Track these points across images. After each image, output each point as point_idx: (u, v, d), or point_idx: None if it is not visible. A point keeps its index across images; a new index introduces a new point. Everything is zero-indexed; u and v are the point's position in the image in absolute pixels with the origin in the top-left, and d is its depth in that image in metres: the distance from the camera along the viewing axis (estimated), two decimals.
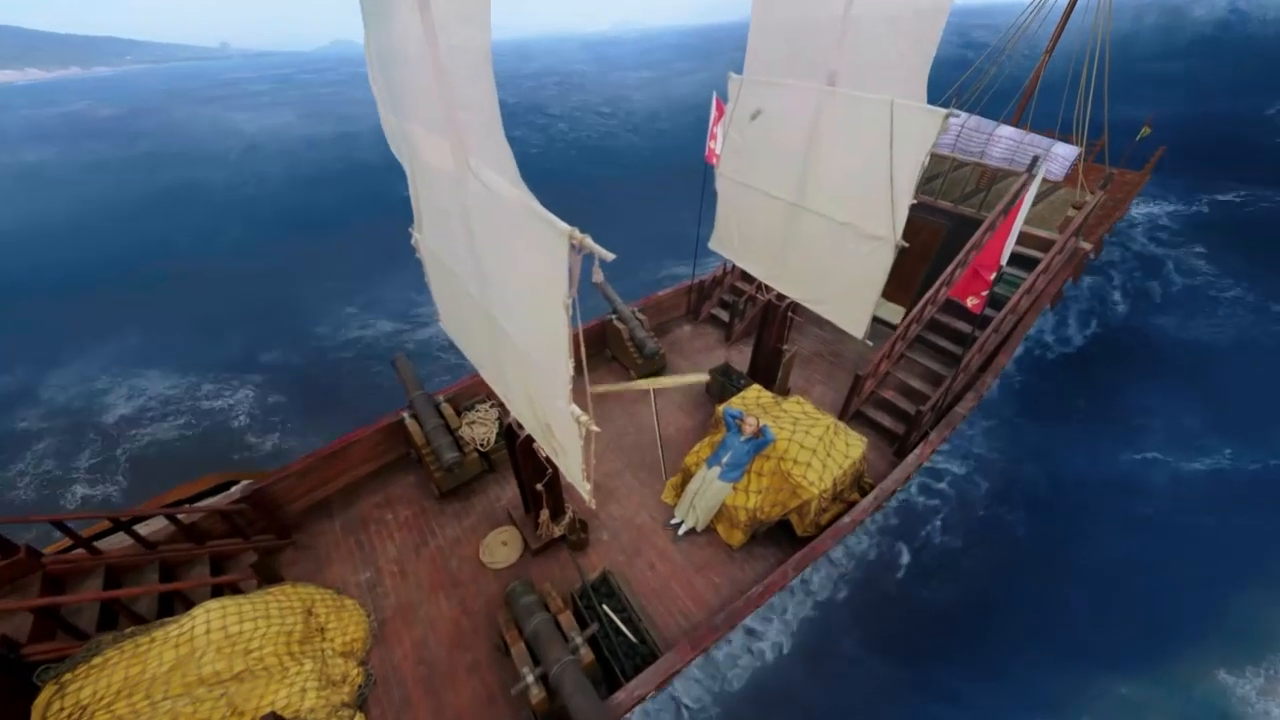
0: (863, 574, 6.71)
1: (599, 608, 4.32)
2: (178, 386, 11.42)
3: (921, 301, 6.80)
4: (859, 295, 4.98)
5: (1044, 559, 7.02)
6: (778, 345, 6.57)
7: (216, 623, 3.70)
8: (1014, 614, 6.48)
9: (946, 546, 7.12)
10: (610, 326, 7.27)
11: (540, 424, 3.56)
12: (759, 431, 5.02)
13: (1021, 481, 8.00)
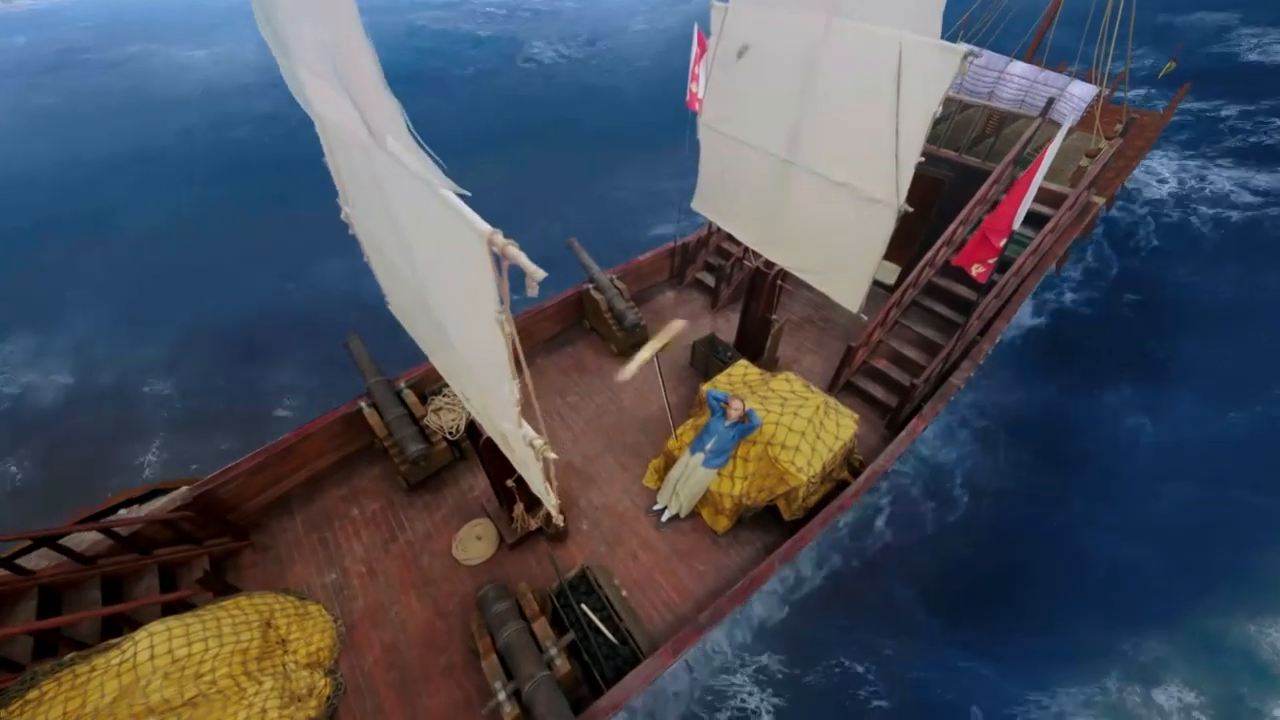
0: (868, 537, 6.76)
1: (577, 608, 4.13)
2: (81, 381, 9.84)
3: (920, 265, 6.34)
4: (855, 266, 4.52)
5: (1060, 517, 7.11)
6: (766, 315, 6.15)
7: (161, 647, 3.43)
8: (1034, 570, 6.64)
9: (963, 501, 7.17)
10: (588, 296, 6.76)
11: (497, 432, 3.18)
12: (745, 416, 4.69)
13: (1030, 441, 7.97)
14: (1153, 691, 5.60)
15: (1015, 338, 9.83)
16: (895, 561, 6.76)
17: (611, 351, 6.81)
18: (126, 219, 14.50)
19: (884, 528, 7.07)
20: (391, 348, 5.35)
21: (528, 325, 6.62)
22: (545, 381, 6.51)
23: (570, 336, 7.11)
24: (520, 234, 1.56)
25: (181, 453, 8.59)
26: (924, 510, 7.30)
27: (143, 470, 8.38)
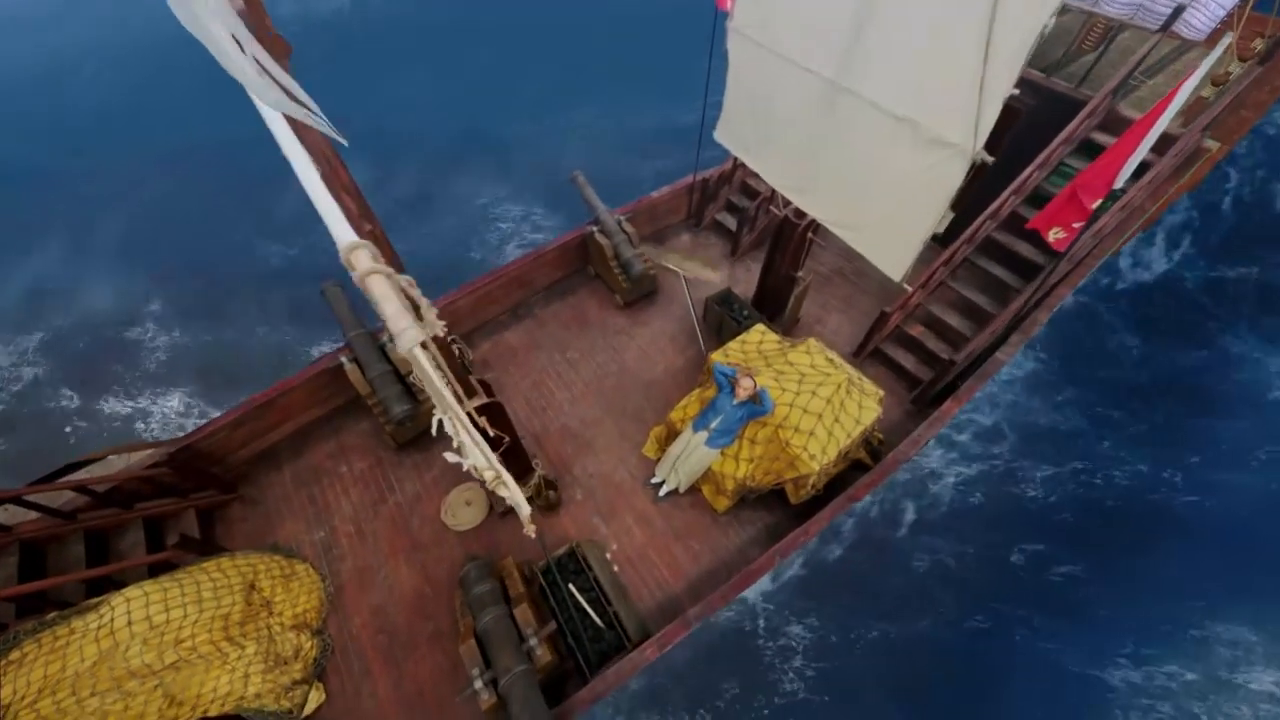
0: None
1: (564, 587, 3.97)
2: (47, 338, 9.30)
3: (981, 217, 5.41)
4: (906, 226, 3.75)
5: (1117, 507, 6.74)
6: (791, 272, 5.42)
7: (138, 613, 3.38)
8: (1098, 556, 6.46)
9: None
10: (592, 241, 6.05)
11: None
12: (756, 395, 4.20)
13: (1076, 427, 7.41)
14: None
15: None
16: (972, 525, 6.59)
17: (616, 303, 6.22)
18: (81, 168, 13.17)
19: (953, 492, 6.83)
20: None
21: (526, 271, 6.02)
22: (544, 334, 6.04)
23: (572, 284, 6.50)
24: (522, 163, 1.05)
25: (145, 411, 8.42)
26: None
27: (111, 425, 8.26)
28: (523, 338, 5.99)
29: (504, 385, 5.60)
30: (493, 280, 5.78)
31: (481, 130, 12.82)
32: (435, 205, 11.18)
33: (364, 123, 12.37)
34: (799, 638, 6.17)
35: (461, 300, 5.69)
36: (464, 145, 12.46)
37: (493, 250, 10.23)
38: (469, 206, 11.14)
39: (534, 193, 11.22)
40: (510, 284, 5.96)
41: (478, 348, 5.90)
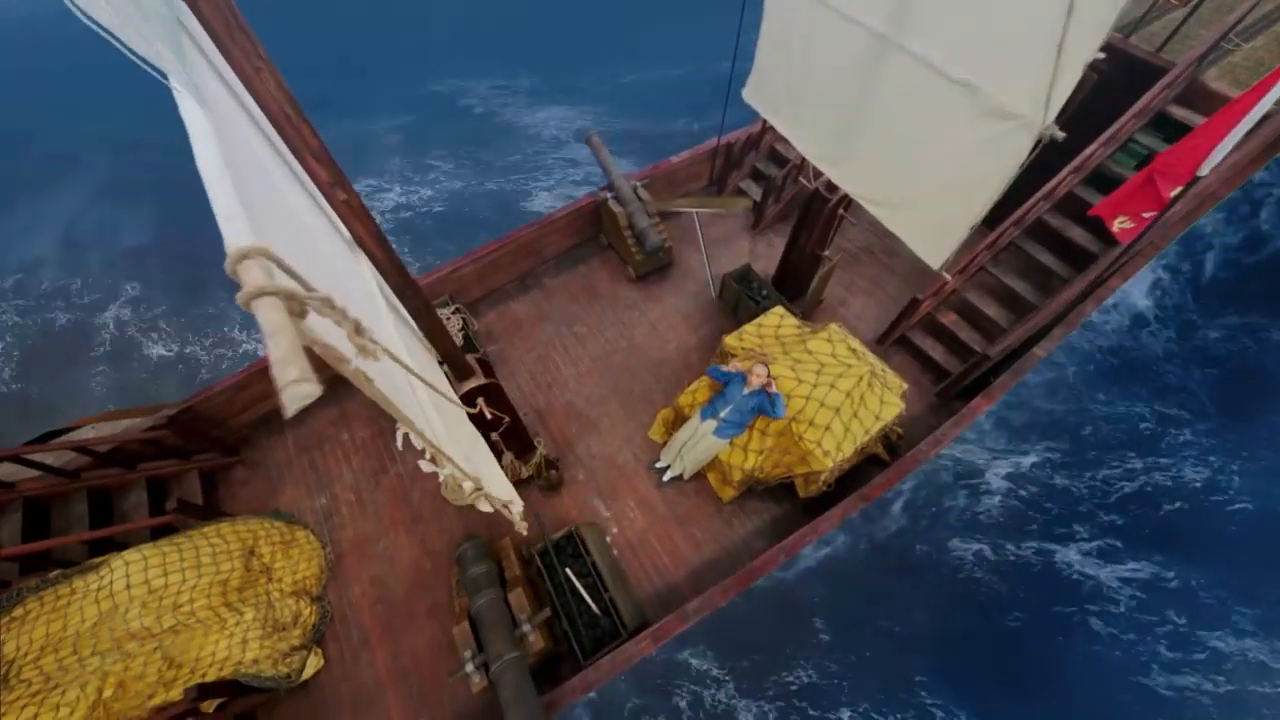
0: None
1: (561, 571, 3.90)
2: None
3: (1035, 198, 4.91)
4: (952, 208, 3.36)
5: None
6: (817, 251, 5.04)
7: (137, 577, 3.39)
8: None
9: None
10: (606, 209, 5.70)
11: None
12: (769, 384, 3.95)
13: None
14: None
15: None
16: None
17: (629, 275, 5.92)
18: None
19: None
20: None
21: (535, 238, 5.72)
22: (552, 305, 5.80)
23: (583, 253, 6.19)
24: (536, 118, 0.82)
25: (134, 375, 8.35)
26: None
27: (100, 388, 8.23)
28: (529, 309, 5.76)
29: (508, 358, 5.42)
30: (500, 247, 5.50)
31: (488, 86, 12.18)
32: (436, 163, 10.76)
33: (381, 80, 11.87)
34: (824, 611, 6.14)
35: (467, 268, 5.45)
36: (469, 103, 11.90)
37: (499, 213, 9.87)
38: (481, 167, 10.71)
39: (546, 153, 10.72)
40: (518, 252, 5.69)
41: (483, 317, 5.70)
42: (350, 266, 2.13)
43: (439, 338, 2.92)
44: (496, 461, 2.73)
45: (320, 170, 1.90)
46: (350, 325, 0.89)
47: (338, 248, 2.07)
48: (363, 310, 1.90)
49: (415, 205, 10.05)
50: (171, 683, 3.25)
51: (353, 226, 2.15)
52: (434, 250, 9.30)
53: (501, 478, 2.52)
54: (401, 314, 2.72)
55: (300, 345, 0.72)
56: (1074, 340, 7.66)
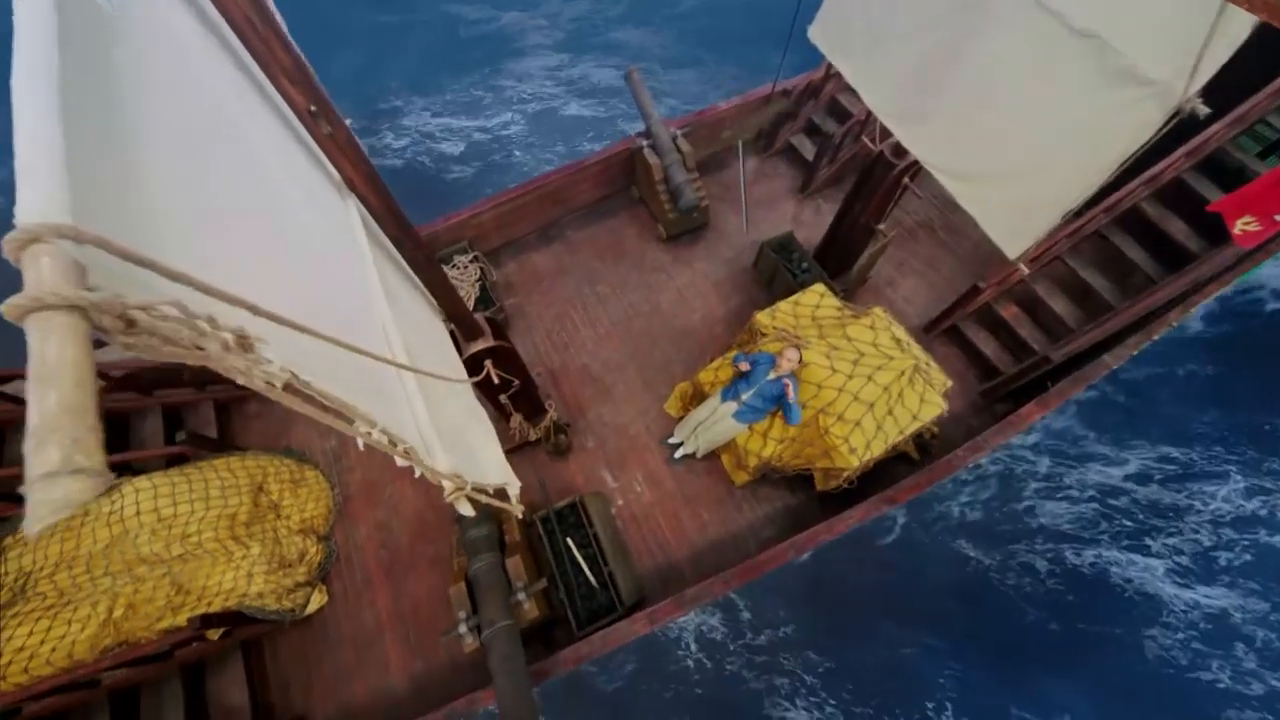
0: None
1: (561, 540, 3.82)
2: None
3: (1135, 182, 4.22)
4: (1048, 189, 2.86)
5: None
6: (871, 223, 4.51)
7: (146, 504, 3.44)
8: None
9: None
10: (640, 158, 5.21)
11: None
12: (799, 369, 3.62)
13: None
14: None
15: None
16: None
17: (659, 235, 5.50)
18: None
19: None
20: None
21: (562, 186, 5.31)
22: (575, 260, 5.47)
23: (612, 206, 5.75)
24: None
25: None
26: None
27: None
28: (551, 262, 5.45)
29: (526, 312, 5.18)
30: (524, 193, 5.13)
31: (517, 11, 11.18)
32: (461, 90, 10.01)
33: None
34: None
35: (488, 213, 5.12)
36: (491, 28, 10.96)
37: (518, 156, 9.27)
38: (502, 97, 9.96)
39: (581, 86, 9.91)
40: (543, 200, 5.30)
41: (503, 267, 5.42)
42: (336, 216, 1.86)
43: (444, 295, 2.68)
44: (496, 437, 2.53)
45: (296, 94, 1.59)
46: (220, 341, 0.63)
47: (320, 193, 1.79)
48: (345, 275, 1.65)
49: (439, 139, 9.52)
50: (179, 608, 3.35)
51: (340, 165, 1.86)
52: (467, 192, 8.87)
53: (499, 459, 2.34)
54: (403, 269, 2.47)
55: (92, 404, 0.47)
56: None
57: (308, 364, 1.03)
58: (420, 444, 1.51)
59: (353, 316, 1.53)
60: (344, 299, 1.54)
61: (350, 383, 1.23)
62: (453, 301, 2.79)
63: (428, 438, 1.55)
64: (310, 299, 1.39)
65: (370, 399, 1.30)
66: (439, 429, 1.62)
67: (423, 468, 1.45)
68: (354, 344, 1.35)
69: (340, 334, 1.40)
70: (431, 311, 2.68)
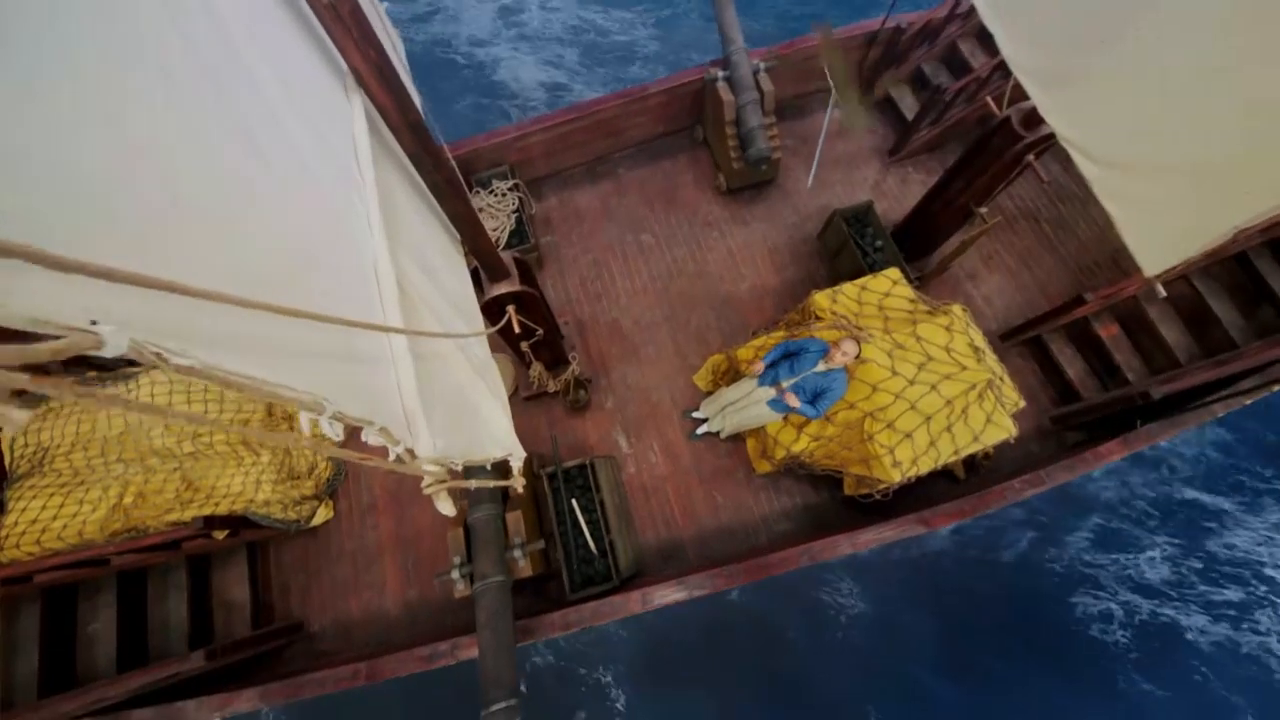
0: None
1: (565, 501, 3.67)
2: None
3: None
4: (1225, 194, 2.21)
5: None
6: (973, 205, 3.85)
7: (161, 399, 3.42)
8: None
9: None
10: (712, 93, 4.54)
11: None
12: (855, 364, 3.19)
13: None
14: None
15: None
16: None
17: (718, 186, 4.91)
18: None
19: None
20: None
21: (619, 116, 4.73)
22: (622, 203, 4.98)
23: (671, 146, 5.15)
24: None
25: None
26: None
27: None
28: (596, 202, 4.98)
29: (561, 254, 4.81)
30: (576, 119, 4.59)
31: None
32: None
33: None
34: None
35: (535, 136, 4.62)
36: None
37: (571, 78, 8.35)
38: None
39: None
40: (596, 129, 4.75)
41: (544, 200, 5.00)
42: (333, 120, 1.50)
43: (469, 229, 2.33)
44: (504, 398, 2.24)
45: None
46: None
47: (313, 90, 1.43)
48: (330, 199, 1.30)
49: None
50: (188, 503, 3.39)
51: (344, 49, 1.48)
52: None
53: (504, 425, 2.08)
54: (419, 189, 2.12)
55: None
56: None
57: (228, 330, 0.73)
58: (401, 421, 1.23)
59: (334, 257, 1.22)
60: (326, 231, 1.22)
61: (304, 347, 0.93)
62: (478, 236, 2.45)
63: (412, 413, 1.27)
64: (285, 234, 1.08)
65: (330, 369, 1.01)
66: (427, 400, 1.33)
67: (396, 453, 1.18)
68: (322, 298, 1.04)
69: (310, 276, 1.09)
70: (450, 244, 2.35)
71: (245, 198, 0.98)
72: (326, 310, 1.06)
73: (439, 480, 1.29)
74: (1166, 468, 6.02)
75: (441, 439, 1.32)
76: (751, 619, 5.63)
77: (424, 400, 1.30)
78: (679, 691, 5.42)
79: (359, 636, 3.78)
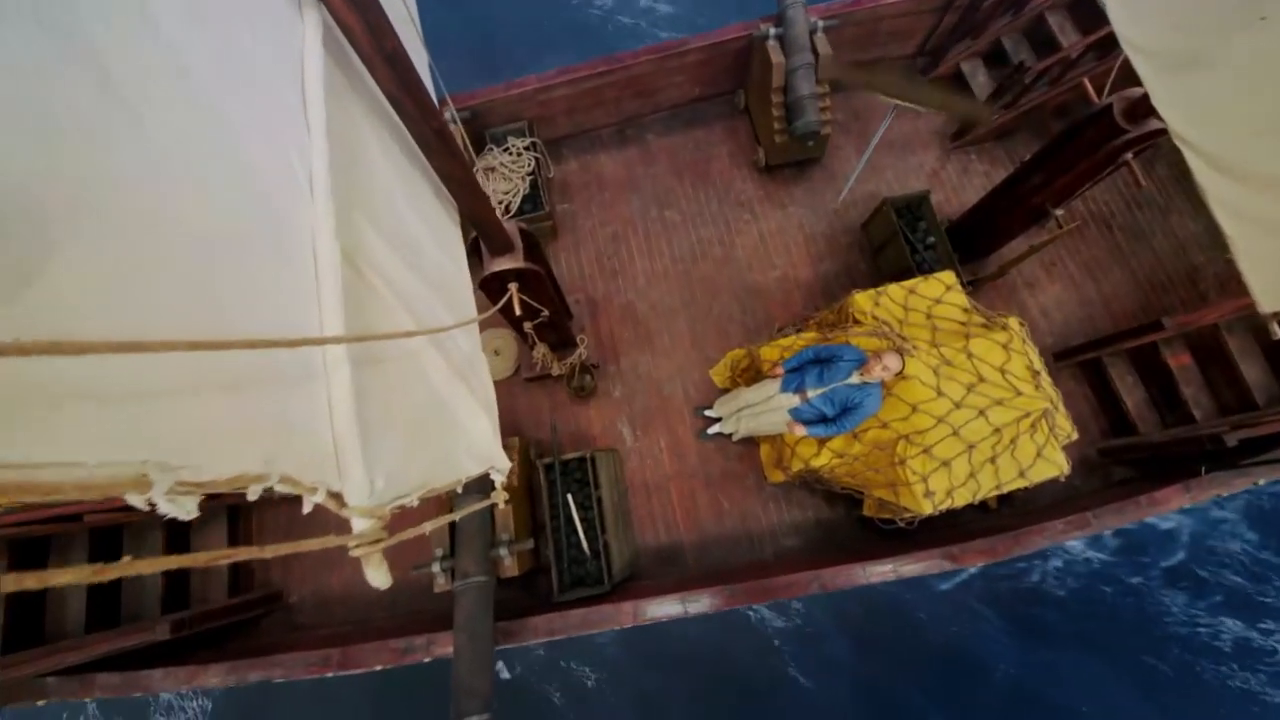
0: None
1: (561, 495, 3.42)
2: None
3: None
4: None
5: None
6: (1049, 205, 3.37)
7: None
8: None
9: None
10: (760, 53, 4.02)
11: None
12: (896, 380, 2.83)
13: None
14: None
15: None
16: None
17: (756, 161, 4.43)
18: None
19: None
20: None
21: (653, 73, 4.23)
22: (648, 174, 4.54)
23: (707, 112, 4.64)
24: None
25: None
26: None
27: None
28: (620, 169, 4.54)
29: (577, 225, 4.42)
30: (606, 73, 4.11)
31: None
32: None
33: None
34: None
35: (560, 90, 4.16)
36: None
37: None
38: None
39: None
40: (627, 87, 4.27)
41: (563, 163, 4.57)
42: (275, 43, 1.14)
43: (464, 192, 1.98)
44: (491, 398, 1.91)
45: None
46: None
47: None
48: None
49: None
50: None
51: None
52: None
53: (487, 433, 1.78)
54: (404, 141, 1.76)
55: None
56: None
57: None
58: (326, 456, 0.93)
59: (239, 231, 0.89)
60: (228, 196, 0.89)
61: (141, 384, 0.62)
62: (476, 202, 2.10)
63: (344, 442, 0.97)
64: (148, 210, 0.75)
65: (194, 410, 0.70)
66: (371, 421, 1.03)
67: (313, 501, 0.89)
68: (202, 299, 0.72)
69: (183, 266, 0.76)
70: (443, 210, 2.01)
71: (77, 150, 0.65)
72: (217, 318, 0.75)
73: (371, 541, 1.00)
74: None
75: (384, 478, 1.02)
76: (749, 627, 5.46)
77: (364, 423, 1.00)
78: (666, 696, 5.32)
79: (338, 613, 3.65)
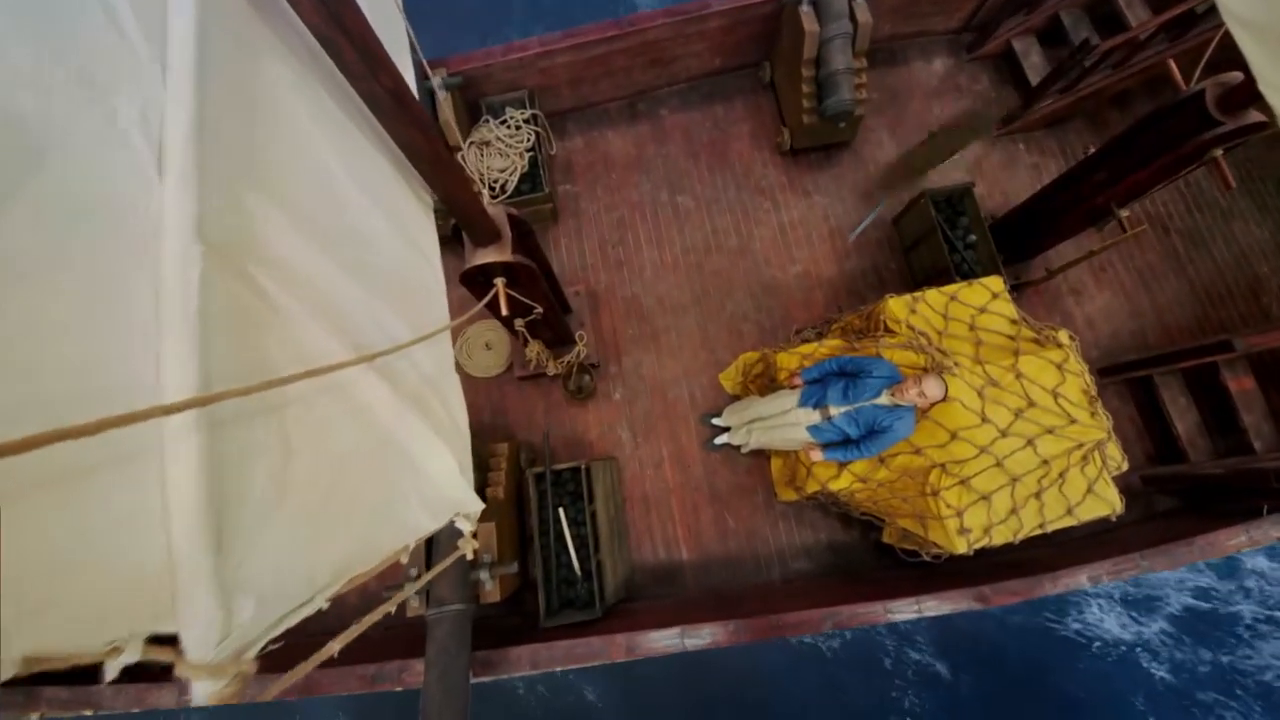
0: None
1: (552, 509, 3.12)
2: None
3: None
4: None
5: None
6: (1114, 205, 2.97)
7: None
8: None
9: None
10: (791, 19, 3.57)
11: None
12: (929, 407, 2.48)
13: None
14: None
15: None
16: None
17: (780, 144, 4.01)
18: None
19: None
20: None
21: (670, 39, 3.78)
22: (660, 153, 4.13)
23: (728, 86, 4.20)
24: None
25: None
26: None
27: None
28: (630, 147, 4.13)
29: (580, 208, 4.03)
30: (616, 38, 3.67)
31: None
32: None
33: None
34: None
35: (564, 56, 3.73)
36: None
37: None
38: None
39: None
40: (640, 54, 3.83)
41: (567, 139, 4.16)
42: None
43: (433, 170, 1.62)
44: (460, 425, 1.56)
45: None
46: None
47: None
48: None
49: None
50: None
51: None
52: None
53: (450, 472, 1.45)
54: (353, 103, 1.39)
55: None
56: None
57: None
58: (141, 582, 0.60)
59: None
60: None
61: None
62: (449, 180, 1.74)
63: (182, 549, 0.63)
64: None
65: None
66: (235, 506, 0.69)
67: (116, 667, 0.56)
68: None
69: None
70: (407, 192, 1.64)
71: None
72: None
73: (235, 675, 0.67)
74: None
75: (255, 598, 0.69)
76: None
77: (224, 515, 0.66)
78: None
79: (311, 619, 3.38)
